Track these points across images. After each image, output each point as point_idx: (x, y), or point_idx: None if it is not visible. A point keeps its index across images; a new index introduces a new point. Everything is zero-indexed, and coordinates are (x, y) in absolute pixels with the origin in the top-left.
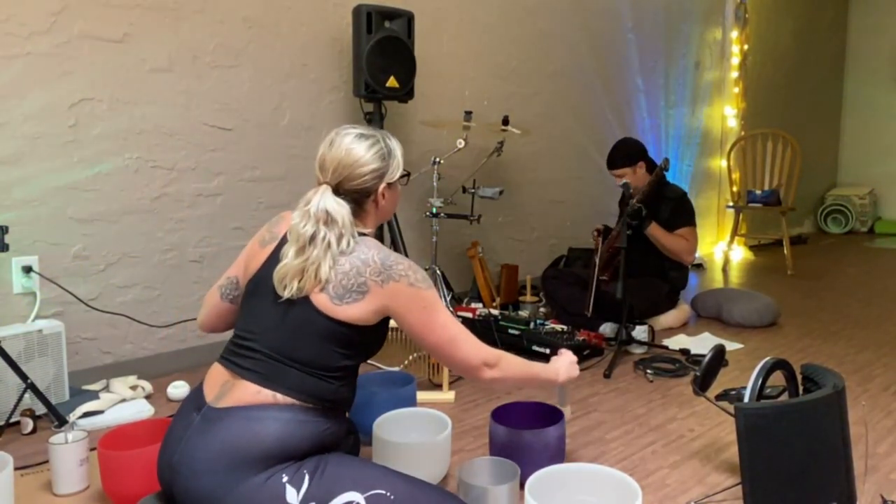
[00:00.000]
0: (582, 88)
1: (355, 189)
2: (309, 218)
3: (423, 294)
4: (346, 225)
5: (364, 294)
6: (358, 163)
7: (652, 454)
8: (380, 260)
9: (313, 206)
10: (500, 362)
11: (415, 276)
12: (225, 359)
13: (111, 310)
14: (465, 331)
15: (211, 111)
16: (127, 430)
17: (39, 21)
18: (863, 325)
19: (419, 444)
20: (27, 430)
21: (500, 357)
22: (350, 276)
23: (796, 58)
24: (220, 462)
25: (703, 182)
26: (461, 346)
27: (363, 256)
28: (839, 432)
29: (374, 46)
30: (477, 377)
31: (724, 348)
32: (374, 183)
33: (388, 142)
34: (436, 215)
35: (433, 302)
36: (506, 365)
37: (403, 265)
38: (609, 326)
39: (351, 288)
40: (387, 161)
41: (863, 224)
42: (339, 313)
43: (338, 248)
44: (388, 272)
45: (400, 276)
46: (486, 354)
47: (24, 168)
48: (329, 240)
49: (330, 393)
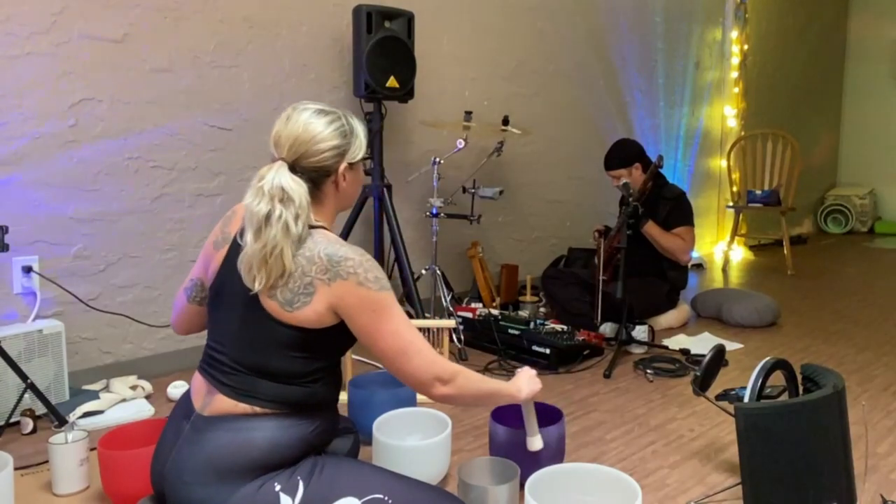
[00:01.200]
0: (582, 88)
1: (313, 167)
2: (263, 195)
3: (373, 296)
4: (303, 206)
5: (311, 295)
6: (315, 139)
7: (652, 454)
8: (326, 256)
9: (267, 182)
10: (456, 379)
11: (365, 274)
12: (202, 369)
13: (111, 310)
14: (420, 341)
15: (211, 111)
16: (127, 430)
17: (40, 21)
18: (863, 325)
19: (419, 445)
20: (27, 430)
21: (455, 373)
22: (296, 277)
23: (796, 58)
24: (210, 474)
25: (703, 182)
26: (412, 358)
27: (308, 254)
28: (839, 432)
29: (374, 46)
30: (428, 393)
31: (724, 348)
32: (334, 161)
33: (350, 120)
34: (436, 215)
35: (385, 305)
36: (462, 382)
37: (353, 261)
38: (609, 326)
39: (298, 291)
40: (348, 139)
41: (863, 224)
42: (293, 319)
43: (297, 231)
44: (335, 269)
45: (348, 274)
46: (440, 370)
47: (24, 168)
48: (286, 219)
49: (307, 397)
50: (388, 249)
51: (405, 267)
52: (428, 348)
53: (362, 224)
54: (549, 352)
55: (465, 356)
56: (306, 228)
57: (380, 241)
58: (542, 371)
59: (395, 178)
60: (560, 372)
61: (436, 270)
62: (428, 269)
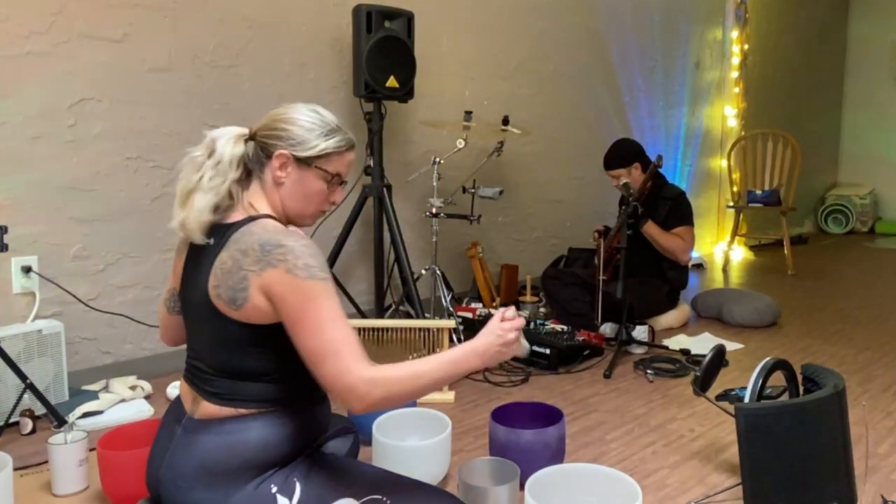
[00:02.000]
0: (582, 88)
1: (263, 140)
2: (203, 146)
3: (301, 284)
4: (225, 162)
5: (247, 290)
6: (286, 115)
7: (652, 454)
8: (259, 246)
9: (214, 132)
10: (371, 391)
11: (296, 261)
12: (186, 377)
13: (111, 310)
14: (342, 342)
15: (211, 111)
16: (126, 431)
17: (39, 21)
18: (863, 325)
19: (419, 445)
20: (26, 431)
21: (372, 382)
22: (232, 273)
23: (797, 57)
24: (204, 478)
25: (704, 182)
26: (325, 361)
27: (243, 246)
28: (839, 433)
29: (373, 46)
30: (346, 402)
31: (725, 348)
32: (282, 143)
33: (334, 127)
34: (436, 215)
35: (311, 296)
36: (381, 393)
37: (285, 248)
38: (609, 326)
39: (236, 287)
40: (313, 134)
41: (863, 224)
42: (242, 317)
43: (208, 183)
44: (266, 258)
45: (278, 262)
46: (354, 380)
47: (23, 168)
48: (204, 164)
49: (288, 393)
50: (387, 249)
51: (405, 267)
52: (349, 352)
53: (362, 224)
54: (550, 352)
55: None
56: (226, 195)
57: (380, 242)
58: (542, 371)
59: (395, 178)
60: (560, 372)
61: (436, 270)
62: (428, 270)
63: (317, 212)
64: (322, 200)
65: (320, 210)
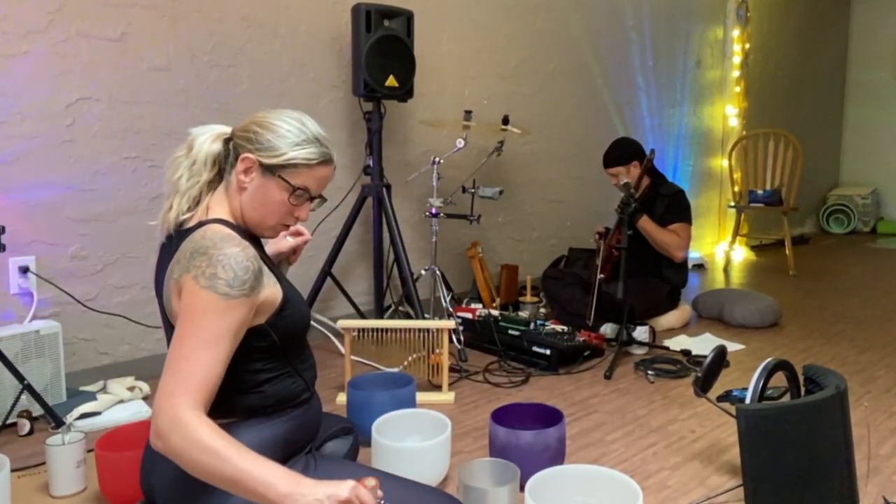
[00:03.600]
0: (582, 88)
1: (237, 141)
2: (185, 144)
3: (197, 292)
4: (199, 161)
5: (171, 301)
6: (262, 122)
7: (653, 455)
8: (189, 253)
9: (196, 130)
10: (170, 435)
11: (206, 268)
12: None
13: (109, 310)
14: (194, 370)
15: (209, 110)
16: (124, 432)
17: (37, 20)
18: (865, 325)
19: (418, 446)
20: (24, 432)
21: (173, 426)
22: (167, 283)
23: (798, 57)
24: (196, 483)
25: (705, 182)
26: (164, 377)
27: (179, 255)
28: (841, 434)
29: (373, 45)
30: (153, 425)
31: (726, 349)
32: (248, 147)
33: (312, 140)
34: (435, 215)
35: (199, 307)
36: (178, 442)
37: (206, 255)
38: (610, 327)
39: (169, 296)
40: (283, 141)
41: (865, 224)
42: None
43: (185, 184)
44: (187, 265)
45: (193, 268)
46: (166, 408)
47: (21, 168)
48: (181, 164)
49: (263, 400)
50: (387, 250)
51: (404, 267)
52: (187, 381)
53: (361, 224)
54: (550, 353)
55: (465, 357)
56: (193, 188)
57: (379, 242)
58: (543, 372)
59: (395, 177)
60: (560, 373)
61: (435, 271)
62: (427, 270)
63: (277, 224)
64: (284, 213)
65: (282, 223)
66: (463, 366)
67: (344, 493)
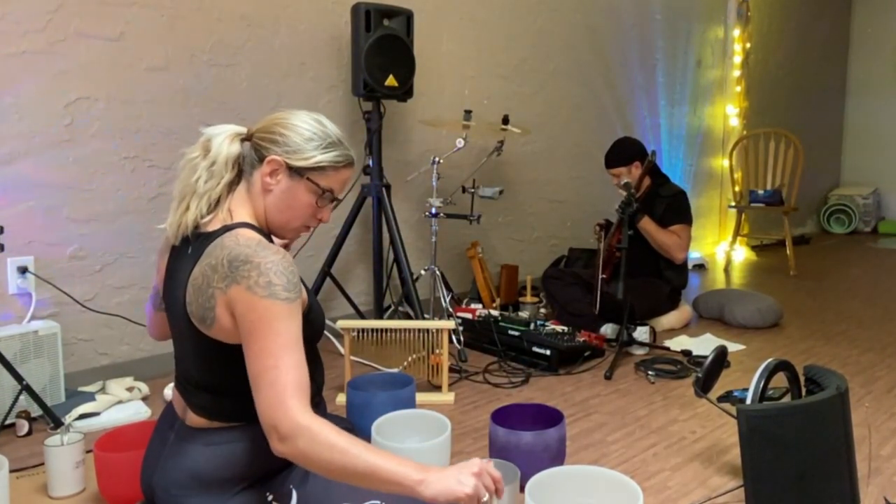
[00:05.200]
0: (582, 87)
1: (258, 142)
2: (199, 145)
3: (258, 303)
4: (220, 163)
5: (214, 309)
6: (286, 120)
7: (653, 456)
8: (228, 261)
9: (210, 130)
10: (296, 439)
11: (258, 278)
12: (178, 382)
13: (107, 311)
14: (290, 374)
15: (208, 110)
16: (123, 432)
17: (35, 19)
18: (866, 326)
19: (418, 447)
20: (23, 432)
21: (297, 430)
22: (202, 291)
23: (799, 56)
24: (196, 486)
25: (705, 182)
26: (261, 389)
27: (213, 261)
28: (842, 434)
29: (373, 45)
30: (268, 438)
31: (726, 349)
32: (276, 149)
33: (334, 141)
34: (435, 215)
35: (267, 317)
36: (305, 445)
37: (251, 263)
38: (610, 327)
39: (205, 306)
40: (310, 144)
41: (866, 224)
42: (217, 336)
43: (203, 186)
44: (232, 275)
45: (242, 279)
46: (281, 417)
47: (19, 167)
48: (199, 166)
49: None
50: (386, 250)
51: (404, 267)
52: (288, 385)
53: (361, 224)
54: (550, 353)
55: (465, 357)
56: (213, 190)
57: (379, 242)
58: (543, 372)
59: (394, 177)
60: (560, 373)
61: (435, 271)
62: (427, 270)
63: (301, 226)
64: (309, 215)
65: (305, 225)
66: (463, 366)
67: (474, 467)
